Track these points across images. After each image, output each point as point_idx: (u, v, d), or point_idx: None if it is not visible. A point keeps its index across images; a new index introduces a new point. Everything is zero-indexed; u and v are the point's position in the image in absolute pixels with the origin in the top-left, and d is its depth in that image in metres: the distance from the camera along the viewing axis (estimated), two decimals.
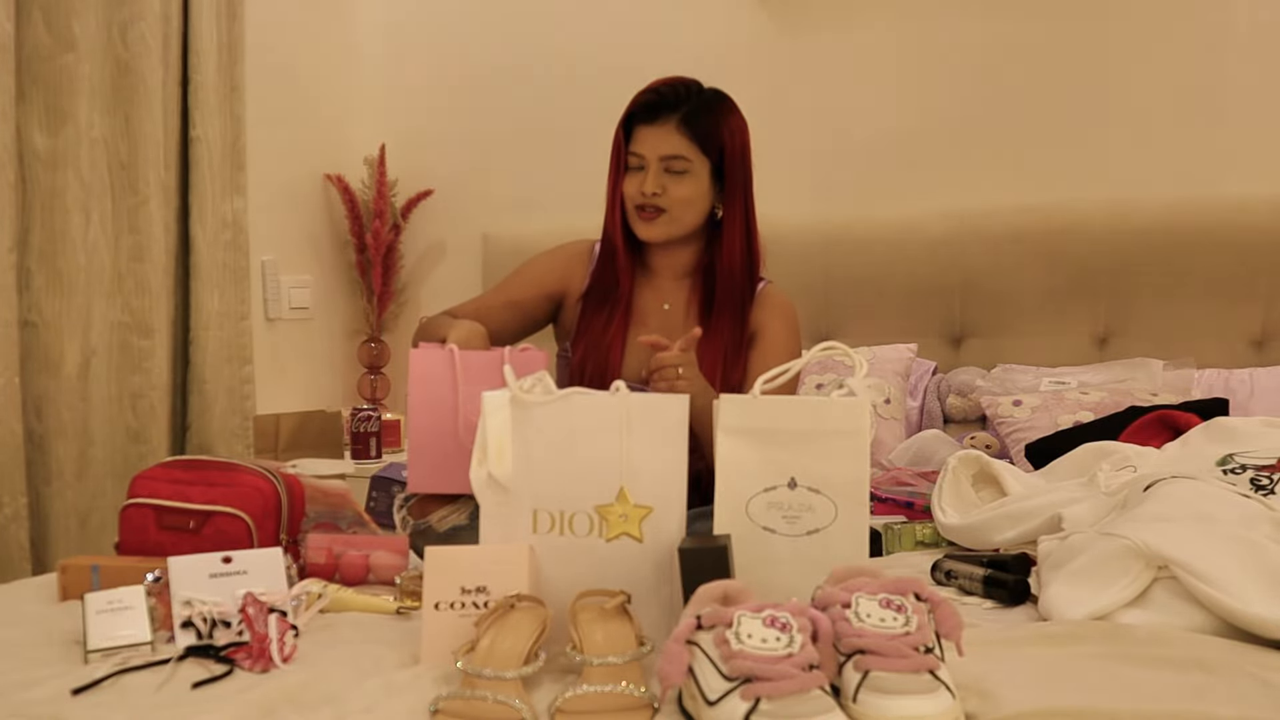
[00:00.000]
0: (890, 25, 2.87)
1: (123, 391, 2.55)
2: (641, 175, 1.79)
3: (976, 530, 1.57)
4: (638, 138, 1.80)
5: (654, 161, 1.78)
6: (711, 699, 0.90)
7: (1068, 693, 0.96)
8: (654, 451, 1.19)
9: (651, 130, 1.78)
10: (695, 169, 1.79)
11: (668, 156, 1.78)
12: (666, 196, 1.79)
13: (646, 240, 1.84)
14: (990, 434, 2.38)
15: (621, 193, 1.83)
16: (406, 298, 3.46)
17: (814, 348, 1.26)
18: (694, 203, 1.81)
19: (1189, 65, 2.63)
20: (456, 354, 1.57)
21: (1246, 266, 2.48)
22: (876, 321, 2.75)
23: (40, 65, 2.36)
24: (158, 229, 2.59)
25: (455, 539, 1.52)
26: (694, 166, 1.79)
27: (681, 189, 1.79)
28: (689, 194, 1.79)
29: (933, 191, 2.80)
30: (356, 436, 2.93)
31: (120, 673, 1.10)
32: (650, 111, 1.79)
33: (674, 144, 1.77)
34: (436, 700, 0.99)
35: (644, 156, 1.79)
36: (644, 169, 1.79)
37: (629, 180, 1.82)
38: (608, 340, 1.83)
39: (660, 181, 1.78)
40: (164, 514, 1.48)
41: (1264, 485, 1.40)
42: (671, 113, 1.78)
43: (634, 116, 1.81)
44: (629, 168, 1.82)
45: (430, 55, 3.38)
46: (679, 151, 1.77)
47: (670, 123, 1.78)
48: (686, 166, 1.78)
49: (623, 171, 1.83)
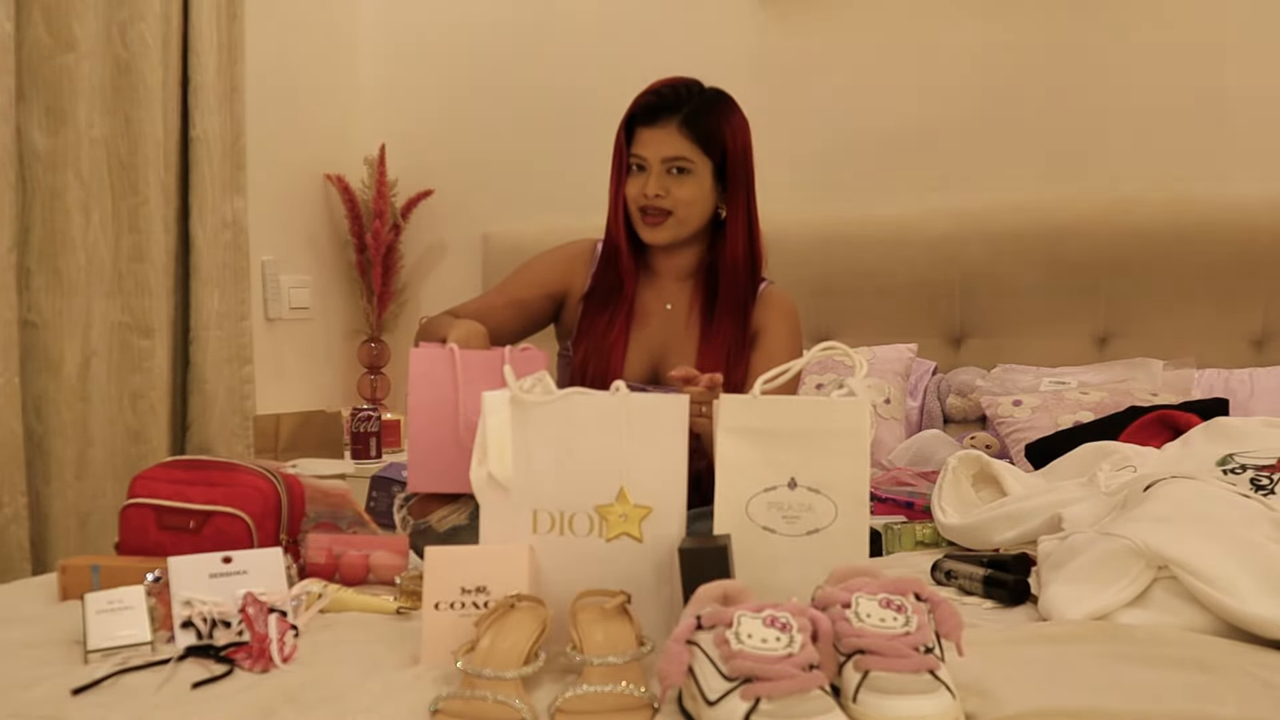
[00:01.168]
0: (890, 25, 2.87)
1: (123, 391, 2.55)
2: (644, 177, 1.79)
3: (976, 530, 1.57)
4: (639, 139, 1.79)
5: (656, 163, 1.78)
6: (711, 699, 0.90)
7: (1068, 693, 0.96)
8: (654, 451, 1.19)
9: (653, 132, 1.78)
10: (698, 170, 1.79)
11: (670, 158, 1.77)
12: (670, 198, 1.78)
13: (652, 244, 1.84)
14: (990, 434, 2.38)
15: (624, 195, 1.83)
16: (406, 298, 3.46)
17: (814, 348, 1.26)
18: (697, 203, 1.80)
19: (1189, 65, 2.63)
20: (457, 353, 1.57)
21: (1246, 266, 2.47)
22: (876, 321, 2.75)
23: (40, 65, 2.36)
24: (158, 229, 2.59)
25: (455, 539, 1.52)
26: (696, 167, 1.78)
27: (685, 190, 1.78)
28: (692, 195, 1.79)
29: (933, 191, 2.80)
30: (356, 436, 2.94)
31: (120, 673, 1.10)
32: (651, 113, 1.78)
33: (676, 145, 1.77)
34: (436, 700, 0.99)
35: (646, 158, 1.78)
36: (646, 171, 1.79)
37: (631, 182, 1.81)
38: (610, 341, 1.83)
39: (663, 183, 1.78)
40: (164, 514, 1.48)
41: (1264, 485, 1.40)
42: (673, 114, 1.77)
43: (635, 118, 1.80)
44: (631, 170, 1.81)
45: (430, 55, 3.38)
46: (681, 153, 1.77)
47: (672, 124, 1.77)
48: (689, 167, 1.78)
49: (624, 174, 1.82)
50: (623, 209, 1.84)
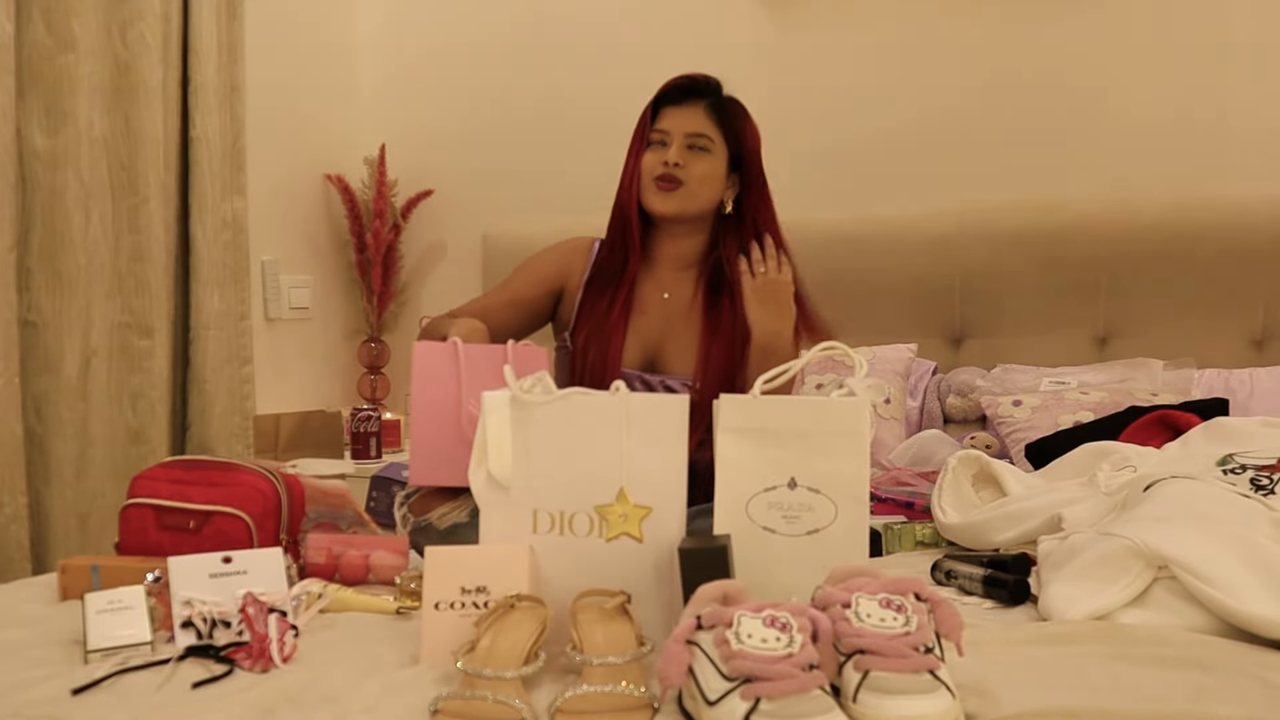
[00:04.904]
0: (889, 24, 2.87)
1: (123, 391, 2.55)
2: (663, 150, 1.84)
3: (976, 530, 1.57)
4: (664, 116, 1.86)
5: (679, 136, 1.83)
6: (711, 699, 0.90)
7: (1068, 693, 0.96)
8: (654, 451, 1.19)
9: (680, 110, 1.85)
10: (716, 151, 1.85)
11: (693, 134, 1.83)
12: (685, 170, 1.82)
13: (660, 213, 1.85)
14: (990, 434, 2.38)
15: (640, 168, 1.86)
16: (406, 298, 3.46)
17: (814, 348, 1.26)
18: (709, 182, 1.84)
19: (1189, 66, 2.63)
20: (460, 347, 1.57)
21: (1246, 266, 2.47)
22: (876, 321, 2.75)
23: (40, 65, 2.36)
24: (158, 229, 2.59)
25: (456, 537, 1.52)
26: (715, 148, 1.84)
27: (701, 166, 1.83)
28: (707, 172, 1.84)
29: (933, 191, 2.80)
30: (356, 436, 2.94)
31: (120, 673, 1.10)
32: (681, 94, 1.86)
33: (700, 123, 1.84)
34: (436, 700, 0.99)
35: (669, 132, 1.84)
36: (666, 145, 1.84)
37: (649, 155, 1.85)
38: (610, 325, 1.86)
39: (683, 155, 1.83)
40: (164, 514, 1.48)
41: (1264, 485, 1.40)
42: (700, 97, 1.86)
43: (664, 98, 1.87)
44: (651, 144, 1.86)
45: (430, 56, 3.38)
46: (704, 130, 1.84)
47: (699, 105, 1.85)
48: (709, 145, 1.84)
49: (644, 147, 1.86)
50: (637, 180, 1.86)
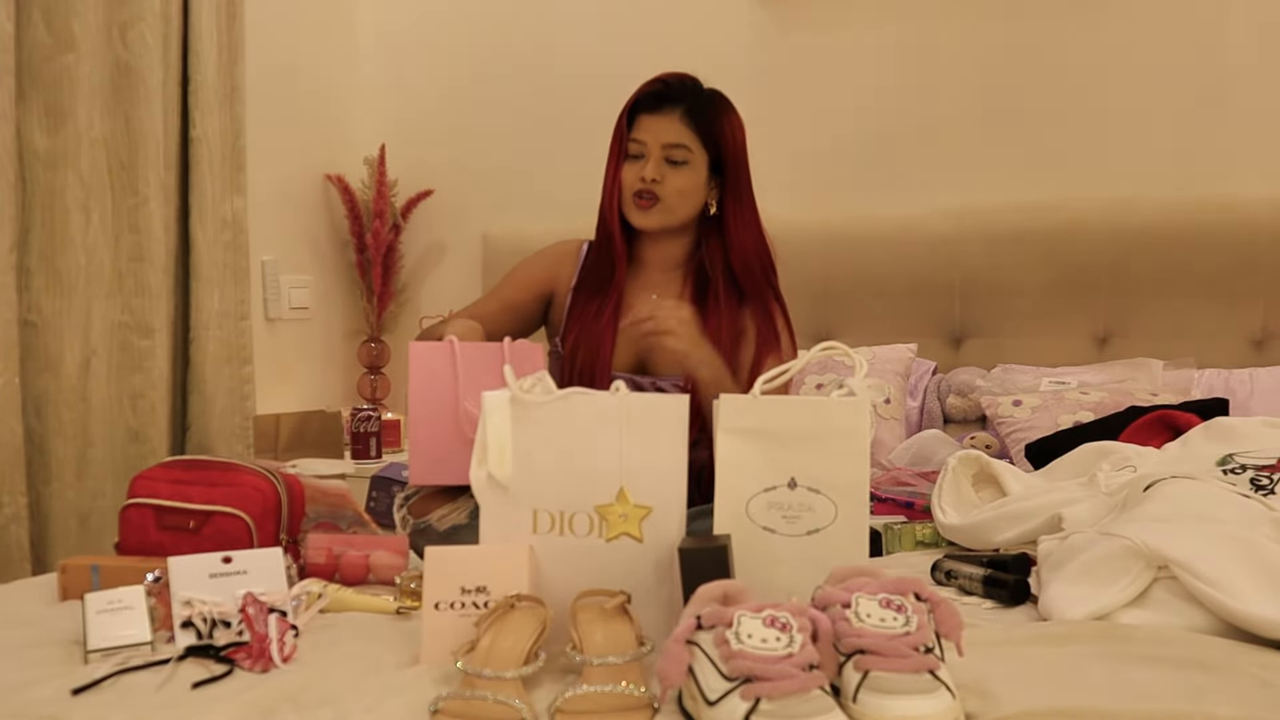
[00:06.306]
0: (889, 24, 2.87)
1: (123, 391, 2.55)
2: (642, 163, 1.82)
3: (976, 530, 1.57)
4: (641, 125, 1.82)
5: (656, 149, 1.81)
6: (711, 699, 0.90)
7: (1068, 693, 0.96)
8: (654, 451, 1.19)
9: (655, 119, 1.81)
10: (694, 161, 1.82)
11: (670, 145, 1.80)
12: (663, 186, 1.81)
13: (641, 228, 1.85)
14: (990, 434, 2.38)
15: (620, 181, 1.84)
16: (406, 298, 3.46)
17: (814, 348, 1.26)
18: (689, 195, 1.83)
19: (1189, 65, 2.63)
20: (456, 345, 1.57)
21: (1246, 266, 2.47)
22: (876, 321, 2.75)
23: (40, 65, 2.36)
24: (158, 229, 2.59)
25: (455, 538, 1.52)
26: (694, 158, 1.81)
27: (679, 180, 1.81)
28: (685, 185, 1.82)
29: (932, 191, 2.80)
30: (356, 436, 2.94)
31: (120, 673, 1.10)
32: (655, 101, 1.82)
33: (677, 133, 1.80)
34: (436, 700, 0.99)
35: (646, 144, 1.81)
36: (644, 157, 1.81)
37: (628, 168, 1.84)
38: (599, 329, 1.85)
39: (660, 170, 1.80)
40: (164, 514, 1.48)
41: (1264, 485, 1.40)
42: (676, 104, 1.81)
43: (638, 105, 1.83)
44: (629, 155, 1.84)
45: (430, 55, 3.38)
46: (681, 140, 1.80)
47: (675, 113, 1.81)
48: (687, 157, 1.81)
49: (622, 159, 1.85)
50: (617, 194, 1.85)
